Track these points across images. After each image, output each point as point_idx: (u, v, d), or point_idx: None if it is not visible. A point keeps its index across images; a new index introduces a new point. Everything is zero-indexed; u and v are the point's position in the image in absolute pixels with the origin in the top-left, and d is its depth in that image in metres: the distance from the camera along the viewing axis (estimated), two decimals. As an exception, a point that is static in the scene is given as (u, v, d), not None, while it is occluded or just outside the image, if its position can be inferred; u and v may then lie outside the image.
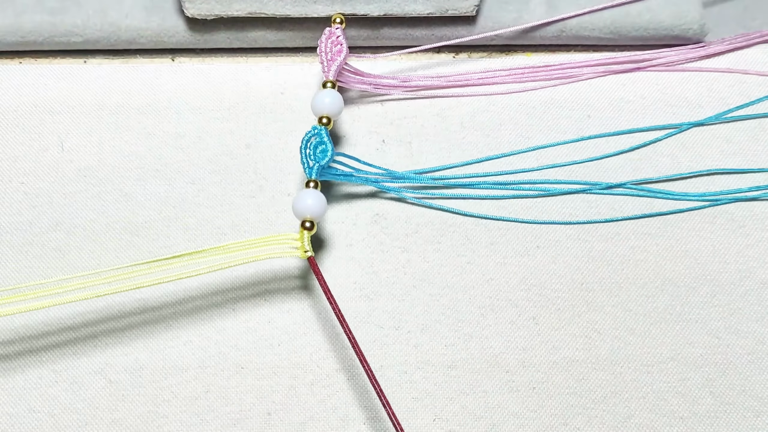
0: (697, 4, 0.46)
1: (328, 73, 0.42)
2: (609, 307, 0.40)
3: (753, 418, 0.38)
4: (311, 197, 0.38)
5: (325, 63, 0.42)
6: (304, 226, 0.38)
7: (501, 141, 0.44)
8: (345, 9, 0.44)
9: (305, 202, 0.38)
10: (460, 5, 0.44)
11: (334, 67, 0.42)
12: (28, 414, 0.37)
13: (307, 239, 0.37)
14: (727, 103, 0.45)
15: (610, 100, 0.45)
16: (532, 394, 0.38)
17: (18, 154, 0.43)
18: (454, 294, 0.40)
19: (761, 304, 0.40)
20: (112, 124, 0.44)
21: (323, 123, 0.41)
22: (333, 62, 0.42)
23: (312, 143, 0.40)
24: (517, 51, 0.47)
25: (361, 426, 0.37)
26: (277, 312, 0.39)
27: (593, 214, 0.42)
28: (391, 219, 0.42)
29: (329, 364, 0.38)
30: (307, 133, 0.40)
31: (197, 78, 0.45)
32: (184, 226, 0.41)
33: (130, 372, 0.38)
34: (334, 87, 0.42)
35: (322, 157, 0.39)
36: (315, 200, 0.38)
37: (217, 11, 0.44)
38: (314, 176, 0.39)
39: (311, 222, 0.38)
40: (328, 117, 0.41)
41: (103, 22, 0.45)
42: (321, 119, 0.41)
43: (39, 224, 0.41)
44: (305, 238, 0.37)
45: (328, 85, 0.42)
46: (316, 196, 0.38)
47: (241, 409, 0.37)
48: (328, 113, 0.41)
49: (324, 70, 0.42)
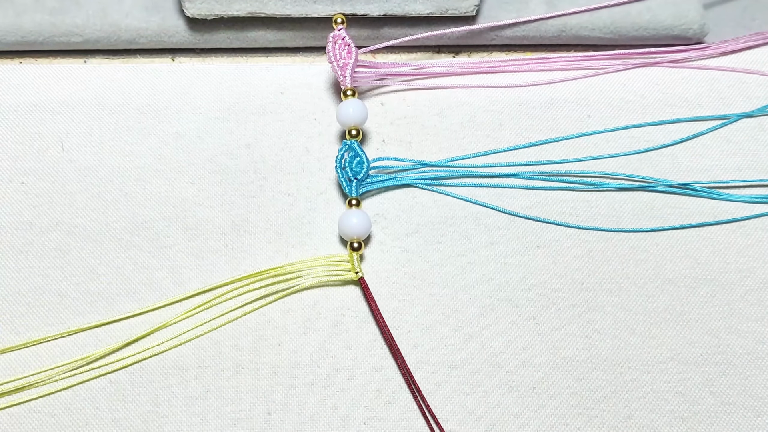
0: (697, 4, 0.46)
1: (345, 80, 0.42)
2: (609, 307, 0.40)
3: (753, 418, 0.38)
4: (356, 217, 0.39)
5: (338, 70, 0.42)
6: (352, 247, 0.39)
7: (501, 141, 0.44)
8: (345, 9, 0.44)
9: (351, 223, 0.39)
10: (460, 5, 0.44)
11: (348, 72, 0.42)
12: (29, 414, 0.37)
13: (357, 260, 0.39)
14: (727, 103, 0.45)
15: (610, 99, 0.45)
16: (532, 394, 0.38)
17: (18, 154, 0.43)
18: (454, 294, 0.40)
19: (761, 304, 0.40)
20: (112, 124, 0.44)
21: (353, 135, 0.41)
22: (346, 68, 0.42)
23: (346, 159, 0.40)
24: (517, 51, 0.47)
25: (361, 426, 0.37)
26: (277, 312, 0.39)
27: (593, 213, 0.42)
28: (391, 219, 0.42)
29: (329, 364, 0.38)
30: (340, 150, 0.41)
31: (197, 78, 0.45)
32: (184, 226, 0.41)
33: (130, 372, 0.38)
34: (354, 95, 0.42)
35: (359, 170, 0.40)
36: (360, 220, 0.39)
37: (217, 11, 0.44)
38: (355, 194, 0.40)
39: (359, 243, 0.39)
40: (357, 129, 0.42)
41: (103, 22, 0.45)
42: (350, 131, 0.41)
43: (39, 224, 0.41)
44: (355, 260, 0.39)
45: (348, 93, 0.42)
46: (360, 216, 0.39)
47: (241, 409, 0.37)
48: (355, 124, 0.42)
49: (339, 77, 0.42)
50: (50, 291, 0.39)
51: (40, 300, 0.39)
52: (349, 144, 0.41)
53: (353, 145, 0.41)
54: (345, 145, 0.41)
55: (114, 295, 0.39)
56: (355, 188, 0.40)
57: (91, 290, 0.39)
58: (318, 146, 0.43)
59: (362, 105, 0.42)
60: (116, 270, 0.40)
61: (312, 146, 0.43)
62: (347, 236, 0.39)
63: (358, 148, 0.40)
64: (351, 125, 0.42)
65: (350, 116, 0.42)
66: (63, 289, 0.39)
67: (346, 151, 0.41)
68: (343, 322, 0.39)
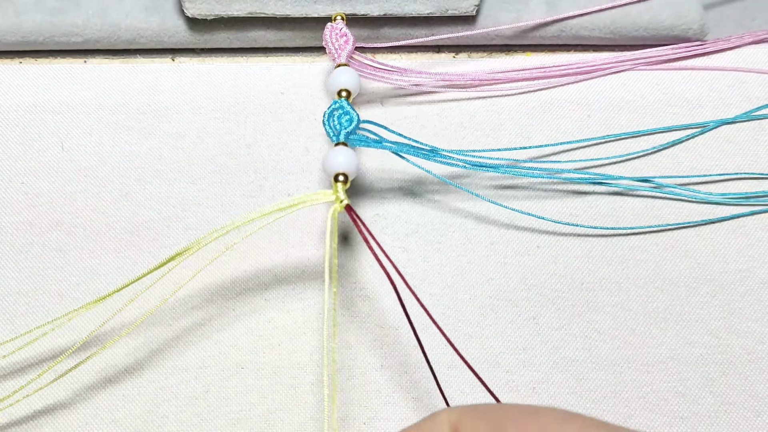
0: (697, 4, 0.46)
1: (339, 58, 0.41)
2: (609, 307, 0.40)
3: (753, 418, 0.38)
4: (342, 154, 0.37)
5: (335, 51, 0.42)
6: (337, 179, 0.36)
7: (501, 141, 0.44)
8: (345, 9, 0.44)
9: (336, 159, 0.37)
10: (460, 5, 0.44)
11: (344, 53, 0.41)
12: (29, 413, 0.37)
13: (342, 190, 0.36)
14: (727, 103, 0.45)
15: (610, 100, 0.45)
16: (532, 394, 0.38)
17: (18, 154, 0.43)
18: (454, 294, 0.40)
19: (761, 304, 0.40)
20: (112, 124, 0.44)
21: (342, 96, 0.40)
22: (342, 49, 0.42)
23: (335, 116, 0.38)
24: (517, 51, 0.47)
25: (361, 426, 0.37)
26: (277, 312, 0.39)
27: (593, 213, 0.42)
28: (391, 219, 0.42)
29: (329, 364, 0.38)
30: (329, 107, 0.39)
31: (197, 78, 0.45)
32: (184, 226, 0.41)
33: (130, 372, 0.38)
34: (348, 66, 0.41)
35: (347, 125, 0.38)
36: (346, 156, 0.37)
37: (217, 11, 0.44)
38: (342, 139, 0.38)
39: (344, 175, 0.36)
40: (347, 90, 0.40)
41: (103, 22, 0.45)
42: (340, 92, 0.40)
43: (39, 224, 0.41)
44: (340, 189, 0.36)
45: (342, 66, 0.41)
46: (346, 152, 0.37)
47: (241, 409, 0.37)
48: (347, 86, 0.40)
49: (334, 57, 0.42)
50: (50, 291, 0.39)
51: (40, 300, 0.39)
52: (339, 102, 0.39)
53: (342, 102, 0.39)
54: (335, 103, 0.39)
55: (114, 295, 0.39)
56: (344, 136, 0.38)
57: (91, 290, 0.39)
58: (318, 146, 0.43)
59: (354, 73, 0.40)
60: (116, 270, 0.40)
61: (312, 146, 0.43)
62: (330, 171, 0.37)
63: (347, 106, 0.39)
64: (342, 87, 0.40)
65: (342, 81, 0.40)
66: (63, 289, 0.39)
67: (335, 109, 0.39)
68: (343, 322, 0.39)
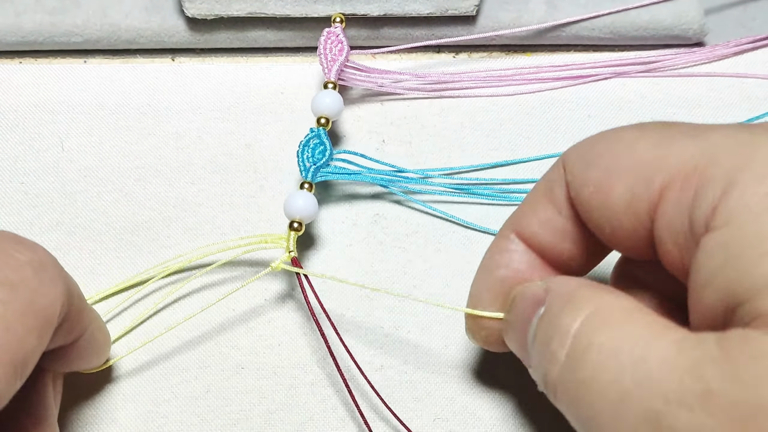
0: (696, 5, 0.46)
1: (329, 74, 0.42)
2: (609, 307, 0.40)
3: (753, 418, 0.37)
4: (302, 198, 0.38)
5: (326, 64, 0.42)
6: (292, 226, 0.38)
7: (501, 141, 0.44)
8: (345, 9, 0.44)
9: (296, 203, 0.38)
10: (460, 5, 0.44)
11: (335, 68, 0.42)
12: (28, 414, 0.37)
13: (293, 240, 0.38)
14: (727, 103, 0.45)
15: (610, 99, 0.45)
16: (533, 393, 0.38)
17: (18, 154, 0.43)
18: (454, 294, 0.40)
19: (761, 304, 0.40)
20: (112, 124, 0.44)
21: (321, 124, 0.41)
22: (334, 63, 0.42)
23: (310, 145, 0.40)
24: (517, 51, 0.47)
25: (361, 426, 0.37)
26: (277, 312, 0.39)
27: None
28: (391, 219, 0.42)
29: (329, 364, 0.38)
30: (306, 136, 0.40)
31: (197, 78, 0.45)
32: (184, 226, 0.41)
33: (130, 372, 0.38)
34: (335, 88, 0.42)
35: (320, 158, 0.39)
36: (306, 202, 0.38)
37: (217, 11, 0.44)
38: (309, 178, 0.39)
39: (299, 223, 0.38)
40: (326, 117, 0.41)
41: (103, 22, 0.45)
42: (319, 120, 0.41)
43: (39, 224, 0.41)
44: (291, 239, 0.38)
45: (329, 86, 0.42)
46: (307, 198, 0.38)
47: (241, 409, 0.37)
48: (327, 114, 0.41)
49: (325, 71, 0.42)
50: (50, 291, 0.39)
51: (40, 300, 0.39)
52: (316, 132, 0.40)
53: (320, 132, 0.40)
54: (311, 132, 0.40)
55: (114, 296, 0.39)
56: (312, 174, 0.39)
57: (92, 290, 0.39)
58: (318, 146, 0.43)
59: (338, 98, 0.41)
60: (116, 270, 0.40)
61: (312, 146, 0.43)
62: (289, 216, 0.38)
63: (323, 136, 0.40)
64: (322, 114, 0.41)
65: (324, 105, 0.41)
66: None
67: (311, 138, 0.40)
68: (344, 323, 0.39)
